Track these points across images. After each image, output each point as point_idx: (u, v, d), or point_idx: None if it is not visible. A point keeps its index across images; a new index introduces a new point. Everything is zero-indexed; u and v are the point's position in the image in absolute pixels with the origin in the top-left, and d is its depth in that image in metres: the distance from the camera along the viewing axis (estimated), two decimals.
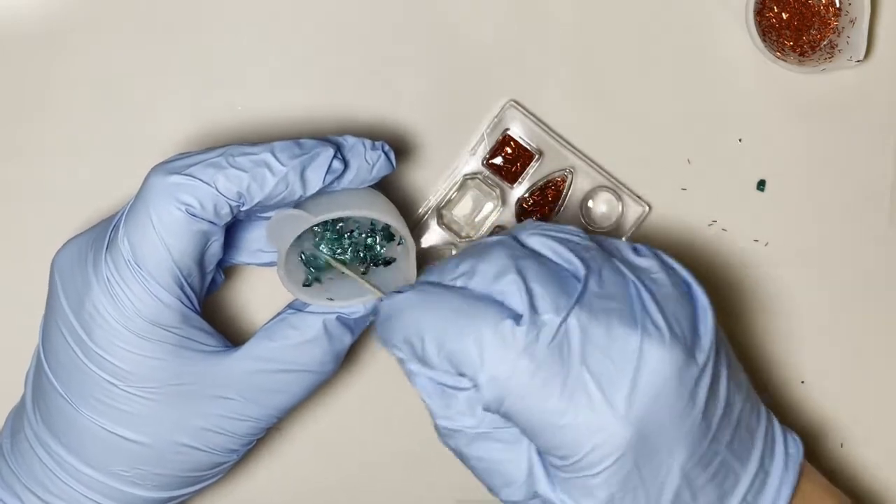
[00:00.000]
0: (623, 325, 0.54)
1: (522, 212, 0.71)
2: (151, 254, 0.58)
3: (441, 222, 0.70)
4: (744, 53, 0.71)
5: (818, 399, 0.73)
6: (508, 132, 0.70)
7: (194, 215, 0.58)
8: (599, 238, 0.59)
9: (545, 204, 0.71)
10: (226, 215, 0.59)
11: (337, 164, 0.60)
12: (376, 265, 0.63)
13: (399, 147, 0.71)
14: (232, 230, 0.64)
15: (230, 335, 0.62)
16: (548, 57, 0.71)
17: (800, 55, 0.71)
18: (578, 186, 0.71)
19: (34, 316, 0.64)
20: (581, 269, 0.55)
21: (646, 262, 0.58)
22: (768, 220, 0.72)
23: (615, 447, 0.53)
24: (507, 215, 0.71)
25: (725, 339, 0.58)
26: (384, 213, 0.61)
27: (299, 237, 0.60)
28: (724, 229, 0.72)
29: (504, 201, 0.71)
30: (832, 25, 0.71)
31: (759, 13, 0.71)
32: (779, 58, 0.69)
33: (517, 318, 0.54)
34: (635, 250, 0.58)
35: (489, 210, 0.71)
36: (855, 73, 0.72)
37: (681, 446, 0.54)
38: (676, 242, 0.72)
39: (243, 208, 0.59)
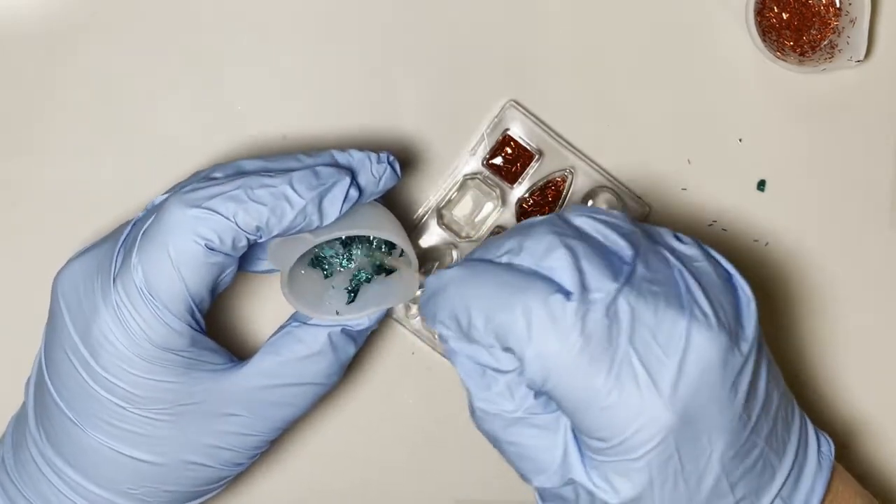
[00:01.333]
0: (670, 308, 0.53)
1: (522, 212, 0.71)
2: (167, 285, 0.58)
3: (441, 222, 0.70)
4: (744, 53, 0.71)
5: (818, 400, 0.73)
6: (508, 132, 0.70)
7: (213, 249, 0.58)
8: (643, 224, 0.59)
9: (545, 204, 0.71)
10: (242, 248, 0.59)
11: (353, 193, 0.60)
12: (378, 274, 0.64)
13: (399, 147, 0.71)
14: None
15: (233, 345, 0.63)
16: (548, 57, 0.71)
17: (800, 55, 0.71)
18: (578, 186, 0.71)
19: (30, 317, 0.64)
20: (628, 251, 0.55)
21: (689, 249, 0.57)
22: (768, 220, 0.72)
23: (658, 430, 0.52)
24: (508, 215, 0.71)
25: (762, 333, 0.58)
26: (386, 230, 0.61)
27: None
28: (724, 229, 0.72)
29: (504, 201, 0.71)
30: (832, 25, 0.71)
31: (760, 13, 0.71)
32: (779, 58, 0.69)
33: (566, 293, 0.53)
34: (678, 238, 0.58)
35: (489, 210, 0.71)
36: (855, 73, 0.72)
37: (722, 435, 0.54)
38: None
39: (261, 240, 0.59)
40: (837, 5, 0.71)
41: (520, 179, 0.70)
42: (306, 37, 0.71)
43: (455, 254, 0.71)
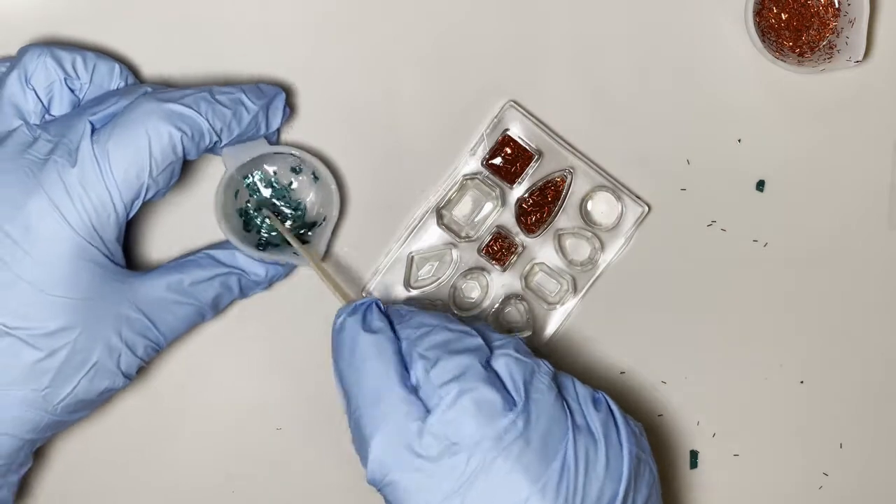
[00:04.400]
0: (524, 474, 0.57)
1: (522, 212, 0.71)
2: (131, 168, 0.61)
3: (441, 222, 0.70)
4: (743, 54, 0.71)
5: (817, 399, 0.73)
6: (508, 132, 0.70)
7: (183, 143, 0.62)
8: (565, 380, 0.62)
9: (545, 204, 0.71)
10: (203, 148, 0.64)
11: (287, 109, 0.67)
12: (310, 230, 0.70)
13: (399, 147, 0.71)
14: None
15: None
16: (548, 57, 0.71)
17: (799, 56, 0.71)
18: (578, 186, 0.71)
19: None
20: (520, 402, 0.59)
21: (598, 418, 0.61)
22: (768, 220, 0.72)
23: None
24: (507, 215, 0.71)
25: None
26: (334, 198, 0.68)
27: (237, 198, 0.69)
28: (723, 229, 0.72)
29: (504, 201, 0.71)
30: (831, 26, 0.71)
31: (759, 14, 0.71)
32: (778, 58, 0.69)
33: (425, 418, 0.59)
34: (595, 402, 0.62)
35: (489, 210, 0.71)
36: (854, 73, 0.72)
37: None
38: (676, 242, 0.72)
39: (221, 144, 0.65)
40: (836, 6, 0.71)
41: (519, 180, 0.70)
42: (306, 36, 0.71)
43: (455, 253, 0.71)
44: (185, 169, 0.69)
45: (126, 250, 0.67)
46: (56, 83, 0.64)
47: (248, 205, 0.70)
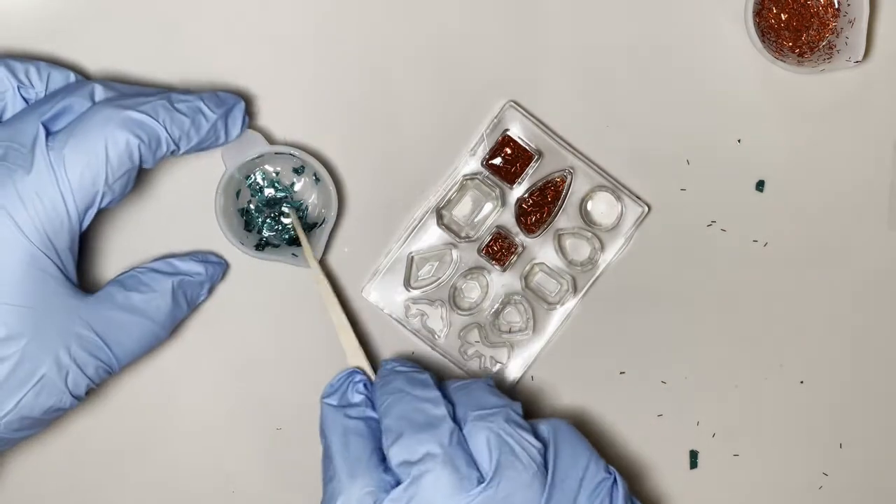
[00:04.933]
0: None
1: (522, 212, 0.71)
2: (87, 173, 0.60)
3: (441, 223, 0.70)
4: (743, 54, 0.71)
5: (817, 399, 0.73)
6: (508, 133, 0.70)
7: (140, 151, 0.61)
8: (579, 458, 0.62)
9: (545, 204, 0.71)
10: (159, 156, 0.63)
11: (247, 118, 0.67)
12: (311, 231, 0.70)
13: (399, 147, 0.71)
14: None
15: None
16: (548, 57, 0.71)
17: (799, 56, 0.71)
18: (578, 187, 0.71)
19: None
20: (487, 480, 0.59)
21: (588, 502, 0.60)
22: (767, 221, 0.72)
23: None
24: (507, 216, 0.71)
25: None
26: (332, 202, 0.68)
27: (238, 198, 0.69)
28: (723, 229, 0.72)
29: (504, 202, 0.71)
30: (831, 26, 0.71)
31: (759, 14, 0.71)
32: (778, 59, 0.69)
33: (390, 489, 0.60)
34: (598, 484, 0.61)
35: (489, 210, 0.71)
36: (854, 73, 0.72)
37: None
38: (676, 242, 0.72)
39: (179, 153, 0.63)
40: (836, 6, 0.71)
41: (519, 180, 0.70)
42: (306, 36, 0.71)
43: (455, 253, 0.71)
44: (183, 170, 0.70)
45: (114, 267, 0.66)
46: (9, 92, 0.63)
47: (251, 205, 0.70)
